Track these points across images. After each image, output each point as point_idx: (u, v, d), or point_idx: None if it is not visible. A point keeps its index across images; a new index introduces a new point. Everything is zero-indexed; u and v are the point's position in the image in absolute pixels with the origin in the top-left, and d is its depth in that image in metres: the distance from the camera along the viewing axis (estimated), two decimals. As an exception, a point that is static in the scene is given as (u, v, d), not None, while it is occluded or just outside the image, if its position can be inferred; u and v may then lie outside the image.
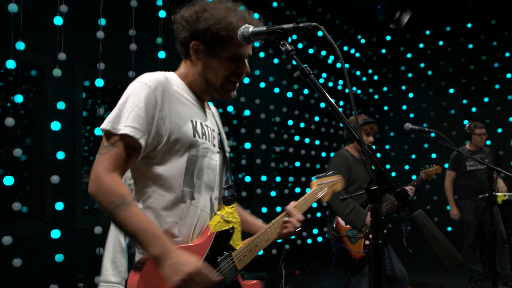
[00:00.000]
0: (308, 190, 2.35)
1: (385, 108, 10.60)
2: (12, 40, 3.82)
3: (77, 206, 4.68)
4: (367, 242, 4.03)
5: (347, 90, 9.18)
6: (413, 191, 4.42)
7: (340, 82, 9.11)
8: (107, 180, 1.60)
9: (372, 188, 1.40)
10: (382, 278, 1.39)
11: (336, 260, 4.39)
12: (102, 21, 4.41)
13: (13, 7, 3.74)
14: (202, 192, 1.81)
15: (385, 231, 4.08)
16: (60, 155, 4.16)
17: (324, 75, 8.48)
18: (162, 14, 5.03)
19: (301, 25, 1.57)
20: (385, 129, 10.30)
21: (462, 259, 1.31)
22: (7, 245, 3.62)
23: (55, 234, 3.98)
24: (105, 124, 1.67)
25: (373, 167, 1.42)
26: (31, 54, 4.16)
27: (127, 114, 1.66)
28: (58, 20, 4.06)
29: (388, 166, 10.21)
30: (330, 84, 8.79)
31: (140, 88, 1.71)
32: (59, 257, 3.96)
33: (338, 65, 8.81)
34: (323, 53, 8.51)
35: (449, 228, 8.96)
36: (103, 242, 3.50)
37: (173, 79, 1.85)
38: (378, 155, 10.16)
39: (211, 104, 2.14)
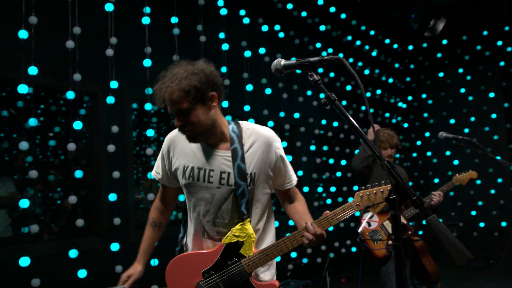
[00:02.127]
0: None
1: (425, 115, 10.62)
2: (70, 72, 4.21)
3: (130, 221, 5.02)
4: (390, 242, 4.29)
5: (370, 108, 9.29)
6: (441, 196, 4.55)
7: (378, 91, 9.24)
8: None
9: (391, 197, 1.62)
10: (404, 275, 1.60)
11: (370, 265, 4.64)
12: (148, 50, 4.76)
13: (70, 44, 4.13)
14: (200, 216, 2.37)
15: (409, 233, 4.30)
16: (116, 174, 4.52)
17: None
18: (202, 39, 5.36)
19: (325, 58, 1.81)
20: (425, 136, 10.32)
21: (471, 256, 1.51)
22: (73, 258, 3.98)
23: (114, 247, 4.32)
24: None
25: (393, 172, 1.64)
26: (85, 83, 4.54)
27: (156, 162, 2.55)
28: (109, 52, 4.43)
29: (430, 173, 10.22)
30: (369, 94, 8.93)
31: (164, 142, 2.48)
32: (118, 269, 4.29)
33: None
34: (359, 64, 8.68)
35: (475, 233, 8.94)
36: (157, 255, 3.79)
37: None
38: (420, 162, 10.18)
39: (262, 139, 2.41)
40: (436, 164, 10.08)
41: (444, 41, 9.70)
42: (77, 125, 4.17)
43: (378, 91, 9.27)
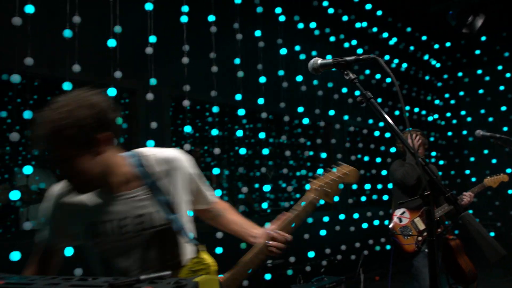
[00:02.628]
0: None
1: (463, 113, 10.45)
2: (111, 70, 4.36)
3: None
4: (419, 238, 4.39)
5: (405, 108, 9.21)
6: (471, 196, 4.62)
7: (415, 89, 9.16)
8: None
9: (425, 193, 1.66)
10: (437, 270, 1.64)
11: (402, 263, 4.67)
12: (186, 47, 4.87)
13: (111, 42, 4.28)
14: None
15: (439, 230, 4.38)
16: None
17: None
18: (239, 37, 5.45)
19: (361, 57, 1.86)
20: (462, 134, 10.17)
21: (504, 252, 1.54)
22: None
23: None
24: None
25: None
26: (125, 80, 4.68)
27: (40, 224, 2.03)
28: (149, 50, 4.56)
29: (467, 172, 10.06)
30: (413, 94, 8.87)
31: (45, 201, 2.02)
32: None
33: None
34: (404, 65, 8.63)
35: None
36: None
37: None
38: (457, 160, 10.04)
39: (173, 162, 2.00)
40: (473, 162, 9.92)
41: (483, 38, 9.54)
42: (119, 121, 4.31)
43: (415, 89, 9.18)
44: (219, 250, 5.09)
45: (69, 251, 3.89)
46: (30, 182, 4.19)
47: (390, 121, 1.77)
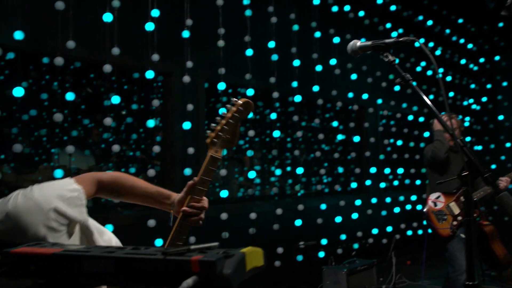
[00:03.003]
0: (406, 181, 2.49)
1: (499, 97, 10.25)
2: (149, 52, 4.46)
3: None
4: (454, 222, 4.38)
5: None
6: (508, 182, 4.61)
7: (450, 73, 9.02)
8: None
9: (464, 174, 1.69)
10: (473, 251, 1.67)
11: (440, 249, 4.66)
12: (222, 31, 4.93)
13: (149, 26, 4.37)
14: None
15: (475, 215, 4.35)
16: (190, 150, 4.75)
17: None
18: (273, 20, 5.47)
19: (401, 39, 1.88)
20: (498, 120, 9.98)
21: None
22: (151, 227, 4.26)
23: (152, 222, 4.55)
24: None
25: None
26: (162, 63, 4.76)
27: None
28: (185, 33, 4.64)
29: (503, 157, 9.89)
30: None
31: None
32: (192, 239, 4.54)
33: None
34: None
35: None
36: (227, 228, 3.96)
37: None
38: (492, 146, 9.88)
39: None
40: (509, 148, 9.74)
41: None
42: (155, 102, 4.42)
43: (450, 73, 9.04)
44: (252, 230, 5.19)
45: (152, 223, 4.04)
46: (69, 163, 4.32)
47: (429, 102, 1.80)
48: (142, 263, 1.16)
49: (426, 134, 8.12)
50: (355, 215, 6.62)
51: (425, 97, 1.80)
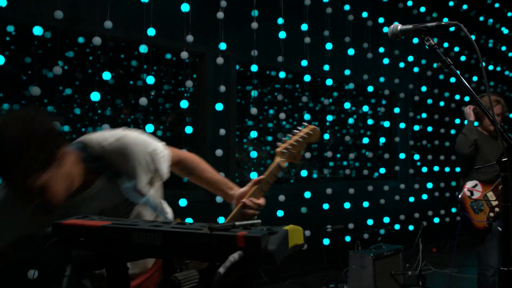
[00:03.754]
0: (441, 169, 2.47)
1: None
2: (184, 33, 4.50)
3: (231, 176, 5.30)
4: (491, 214, 4.15)
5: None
6: None
7: (484, 59, 8.84)
8: None
9: (502, 159, 1.68)
10: (510, 238, 1.67)
11: (469, 238, 4.55)
12: (255, 13, 4.93)
13: (185, 7, 4.41)
14: None
15: None
16: (222, 132, 4.81)
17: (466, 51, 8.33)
18: (307, 2, 5.44)
19: (442, 23, 1.87)
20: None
21: None
22: (182, 206, 4.34)
23: (219, 199, 4.63)
24: None
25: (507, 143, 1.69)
26: (196, 45, 4.80)
27: None
28: (220, 15, 4.65)
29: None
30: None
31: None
32: (221, 219, 4.61)
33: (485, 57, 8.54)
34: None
35: None
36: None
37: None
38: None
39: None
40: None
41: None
42: (188, 83, 4.47)
43: (484, 58, 8.87)
44: (280, 213, 5.23)
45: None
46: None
47: (470, 87, 1.79)
48: (189, 237, 1.20)
49: (457, 121, 8.02)
50: (382, 201, 6.60)
51: (465, 82, 1.80)
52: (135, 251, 1.30)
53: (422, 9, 7.42)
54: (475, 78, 8.36)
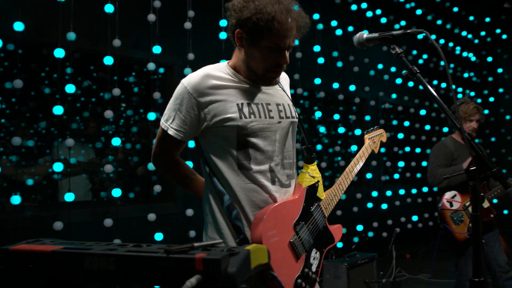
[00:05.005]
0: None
1: (500, 90, 10.20)
2: (151, 44, 4.42)
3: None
4: (471, 224, 4.08)
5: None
6: None
7: (452, 65, 8.98)
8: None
9: (471, 168, 1.65)
10: (481, 249, 1.64)
11: (444, 244, 4.53)
12: (224, 23, 4.88)
13: (151, 17, 4.33)
14: (265, 161, 1.99)
15: (492, 216, 4.15)
16: (191, 143, 4.71)
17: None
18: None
19: (408, 31, 1.84)
20: (500, 112, 9.94)
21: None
22: (151, 221, 4.23)
23: (190, 213, 4.54)
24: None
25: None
26: (164, 55, 4.72)
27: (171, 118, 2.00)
28: (187, 25, 4.59)
29: (503, 151, 9.87)
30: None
31: (179, 91, 2.02)
32: (192, 233, 4.52)
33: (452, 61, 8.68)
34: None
35: None
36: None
37: (219, 69, 2.03)
38: (493, 139, 9.84)
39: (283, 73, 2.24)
40: (510, 141, 9.72)
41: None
42: (156, 95, 4.38)
43: (452, 65, 9.00)
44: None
45: (109, 223, 4.01)
46: (68, 155, 4.29)
47: (436, 95, 1.76)
48: (144, 261, 1.13)
49: (427, 127, 8.10)
50: (355, 208, 6.60)
51: (432, 90, 1.77)
52: (88, 277, 1.22)
53: (391, 17, 7.50)
54: (443, 85, 8.46)
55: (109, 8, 4.10)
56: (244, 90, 2.00)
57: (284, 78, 2.30)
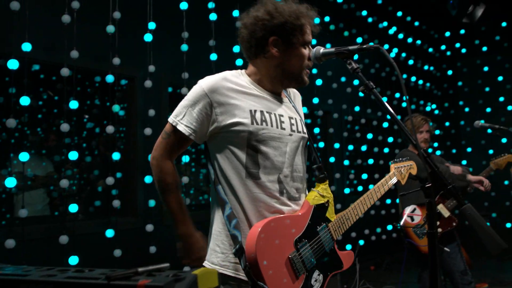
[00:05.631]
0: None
1: (461, 103, 10.42)
2: (110, 56, 4.32)
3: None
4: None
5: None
6: (486, 183, 4.48)
7: (413, 78, 9.14)
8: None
9: (427, 185, 1.64)
10: (437, 265, 1.63)
11: (409, 256, 4.55)
12: (185, 35, 4.83)
13: (110, 28, 4.24)
14: (275, 172, 1.98)
15: (454, 224, 4.21)
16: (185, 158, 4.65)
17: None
18: (239, 24, 5.37)
19: (364, 46, 1.83)
20: (460, 125, 10.15)
21: (505, 245, 1.52)
22: (109, 237, 4.11)
23: (150, 228, 4.44)
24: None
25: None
26: (125, 67, 4.64)
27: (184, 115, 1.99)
28: (148, 37, 4.52)
29: (464, 162, 10.05)
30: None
31: (194, 90, 2.02)
32: (152, 249, 4.42)
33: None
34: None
35: (508, 225, 8.81)
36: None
37: (237, 75, 2.08)
38: (454, 150, 10.03)
39: (294, 90, 2.35)
40: (470, 153, 9.92)
41: (483, 28, 9.49)
42: (116, 108, 4.29)
43: (413, 78, 9.15)
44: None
45: (64, 240, 3.88)
46: (25, 169, 4.15)
47: (392, 111, 1.75)
48: (84, 288, 1.07)
49: (390, 139, 8.18)
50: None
51: (388, 106, 1.76)
52: (25, 305, 1.15)
53: (354, 31, 7.58)
54: (397, 95, 8.57)
55: (66, 18, 3.99)
56: (260, 98, 2.04)
57: (297, 94, 2.36)
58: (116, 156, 4.27)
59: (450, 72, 10.36)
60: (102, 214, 5.15)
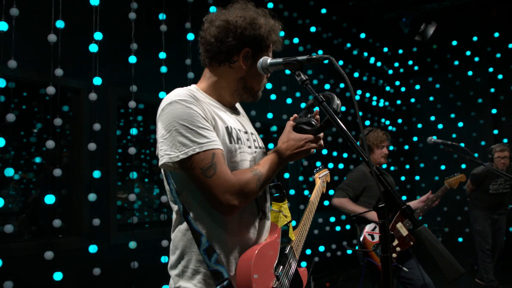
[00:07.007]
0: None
1: (413, 119, 10.60)
2: (52, 67, 4.08)
3: (111, 222, 4.88)
4: (394, 255, 4.09)
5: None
6: (437, 201, 4.52)
7: (367, 94, 9.20)
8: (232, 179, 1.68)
9: (380, 205, 1.53)
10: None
11: (365, 274, 4.47)
12: (134, 46, 4.64)
13: (52, 38, 4.01)
14: None
15: (412, 243, 4.17)
16: (96, 174, 4.39)
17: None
18: (190, 36, 5.24)
19: (314, 57, 1.72)
20: (413, 141, 10.29)
21: (463, 270, 1.42)
22: (48, 259, 3.84)
23: (93, 249, 4.19)
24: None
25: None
26: (69, 79, 4.41)
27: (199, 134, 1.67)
28: (93, 48, 4.31)
29: (417, 178, 10.18)
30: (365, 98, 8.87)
31: (176, 108, 1.70)
32: (96, 271, 4.17)
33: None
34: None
35: (460, 239, 8.96)
36: (137, 257, 3.70)
37: (194, 91, 1.85)
38: (407, 166, 10.13)
39: (238, 105, 2.15)
40: (423, 168, 10.05)
41: (434, 46, 9.69)
42: (57, 121, 4.04)
43: (367, 94, 9.21)
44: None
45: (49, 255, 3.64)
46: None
47: (343, 126, 1.64)
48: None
49: (345, 155, 8.17)
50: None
51: (338, 121, 1.65)
52: None
53: (308, 46, 7.56)
54: (352, 111, 8.61)
55: (3, 26, 3.74)
56: (225, 114, 1.88)
57: (240, 106, 2.19)
58: (58, 173, 4.01)
59: (403, 89, 10.51)
60: (44, 234, 4.84)
